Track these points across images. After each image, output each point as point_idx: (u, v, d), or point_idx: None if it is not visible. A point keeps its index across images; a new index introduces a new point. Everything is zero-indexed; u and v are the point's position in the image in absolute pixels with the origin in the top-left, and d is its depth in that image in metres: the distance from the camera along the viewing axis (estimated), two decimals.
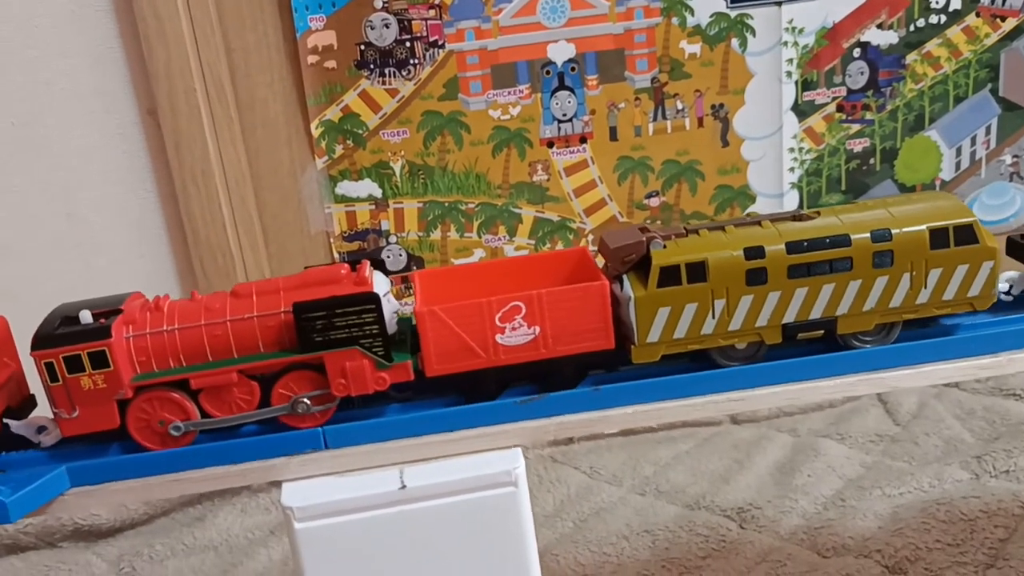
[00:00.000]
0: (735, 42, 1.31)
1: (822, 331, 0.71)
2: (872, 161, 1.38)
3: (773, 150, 1.36)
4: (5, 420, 0.72)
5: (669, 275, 0.69)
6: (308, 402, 0.69)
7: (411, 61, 1.26)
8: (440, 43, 1.26)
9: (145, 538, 1.21)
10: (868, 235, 0.70)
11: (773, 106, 1.34)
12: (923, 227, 0.70)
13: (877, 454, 1.23)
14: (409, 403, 0.73)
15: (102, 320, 0.68)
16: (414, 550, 0.68)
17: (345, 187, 1.31)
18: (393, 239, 1.34)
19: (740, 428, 1.34)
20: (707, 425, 1.36)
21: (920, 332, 0.74)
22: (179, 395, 0.68)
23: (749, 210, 1.38)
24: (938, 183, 1.40)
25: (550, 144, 1.32)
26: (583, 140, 1.33)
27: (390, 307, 0.70)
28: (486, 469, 0.67)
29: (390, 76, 1.27)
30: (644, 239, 0.70)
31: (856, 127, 1.37)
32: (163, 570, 1.14)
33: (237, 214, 1.27)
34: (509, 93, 1.29)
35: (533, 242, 1.36)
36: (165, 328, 0.68)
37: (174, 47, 1.18)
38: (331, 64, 1.26)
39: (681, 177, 1.36)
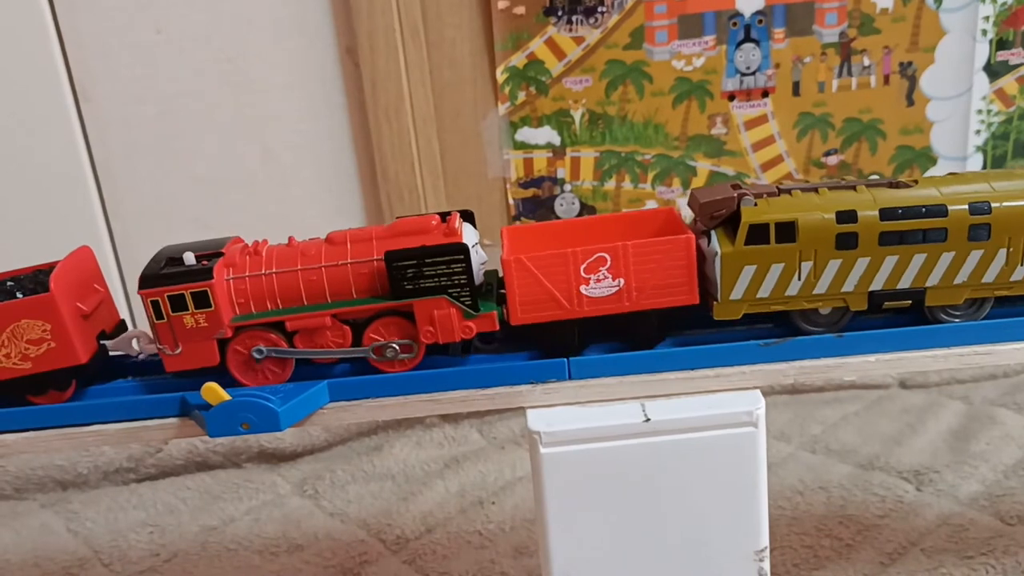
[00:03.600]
0: None
1: (909, 301, 0.70)
2: None
3: (960, 111, 1.33)
4: (103, 342, 0.76)
5: (758, 233, 0.69)
6: (397, 347, 0.71)
7: (599, 9, 1.26)
8: None
9: (325, 463, 1.26)
10: (966, 207, 0.68)
11: (964, 65, 1.30)
12: None
13: None
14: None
15: (204, 262, 0.71)
16: (652, 482, 0.69)
17: (525, 133, 1.33)
18: (568, 187, 1.35)
19: (909, 392, 1.33)
20: (874, 388, 1.35)
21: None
22: (276, 335, 0.72)
23: (928, 173, 1.35)
24: None
25: (731, 97, 1.31)
26: (765, 94, 1.31)
27: (478, 258, 0.72)
28: (728, 408, 0.68)
29: (577, 23, 1.27)
30: (735, 195, 0.70)
31: None
32: (344, 494, 1.19)
33: (422, 154, 1.30)
34: (694, 44, 1.28)
35: None
36: (263, 272, 0.71)
37: None
38: (520, 10, 1.26)
39: (862, 136, 1.34)
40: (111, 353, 0.77)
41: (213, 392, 0.68)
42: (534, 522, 0.72)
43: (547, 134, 1.33)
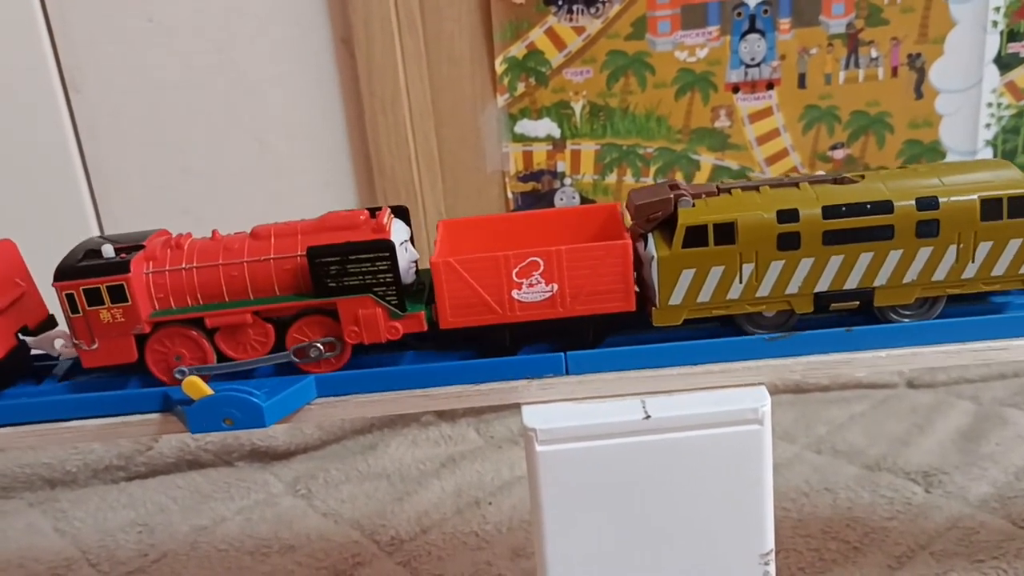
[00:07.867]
0: None
1: (857, 302, 0.68)
2: None
3: (969, 104, 1.30)
4: (23, 338, 0.73)
5: (695, 235, 0.66)
6: (321, 347, 0.69)
7: None
8: None
9: (319, 462, 1.23)
10: (913, 202, 0.66)
11: (974, 57, 1.28)
12: (974, 197, 0.65)
13: None
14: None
15: (123, 255, 0.68)
16: (653, 482, 0.67)
17: (524, 126, 1.30)
18: (568, 181, 1.33)
19: (917, 392, 1.30)
20: (881, 387, 1.32)
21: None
22: (195, 333, 0.69)
23: None
24: None
25: (735, 89, 1.29)
26: (770, 86, 1.28)
27: (407, 256, 0.70)
28: (732, 405, 0.66)
29: (578, 13, 1.24)
30: (672, 196, 0.67)
31: None
32: (338, 494, 1.16)
33: (419, 148, 1.27)
34: (698, 34, 1.26)
35: None
36: (184, 266, 0.69)
37: None
38: None
39: (869, 129, 1.31)
40: (34, 348, 0.74)
41: (195, 387, 0.65)
42: (531, 523, 0.70)
43: (547, 126, 1.30)
